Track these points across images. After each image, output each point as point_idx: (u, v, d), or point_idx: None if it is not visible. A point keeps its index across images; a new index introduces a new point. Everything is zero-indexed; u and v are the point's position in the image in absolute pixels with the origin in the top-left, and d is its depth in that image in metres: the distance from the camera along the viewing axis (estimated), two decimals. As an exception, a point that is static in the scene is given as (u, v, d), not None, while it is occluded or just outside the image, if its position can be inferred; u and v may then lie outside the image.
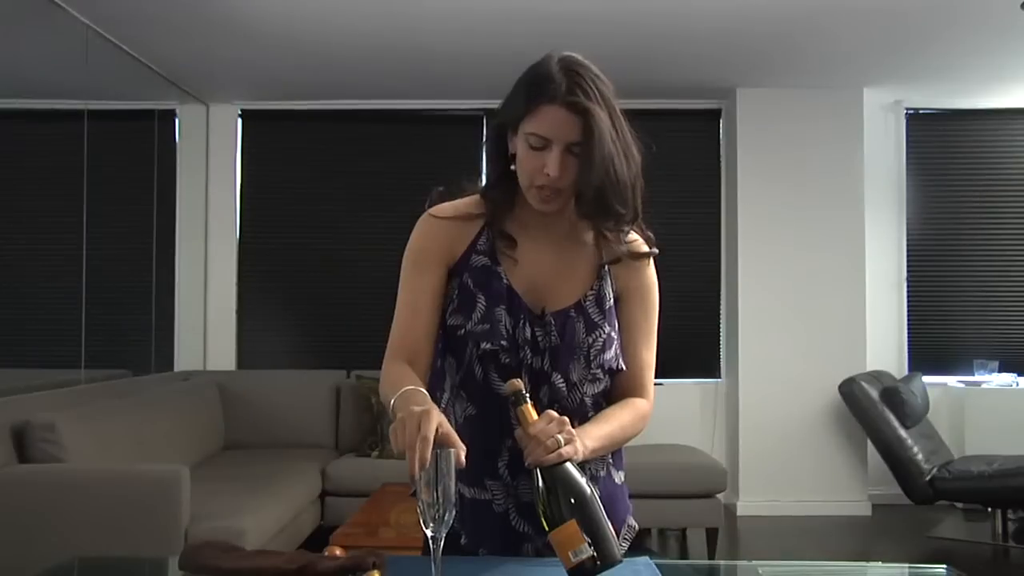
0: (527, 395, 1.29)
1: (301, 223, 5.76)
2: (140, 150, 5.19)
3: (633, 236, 1.47)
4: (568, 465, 1.25)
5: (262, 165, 5.78)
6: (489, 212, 1.45)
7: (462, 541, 1.43)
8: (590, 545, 1.21)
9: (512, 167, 1.41)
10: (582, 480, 1.25)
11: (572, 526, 1.22)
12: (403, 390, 1.28)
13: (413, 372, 1.37)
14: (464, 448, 1.17)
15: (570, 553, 1.22)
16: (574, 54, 1.38)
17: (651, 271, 1.50)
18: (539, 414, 1.28)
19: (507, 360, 1.39)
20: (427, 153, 5.70)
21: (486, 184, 1.46)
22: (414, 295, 1.44)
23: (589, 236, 1.45)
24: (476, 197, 1.47)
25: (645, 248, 1.47)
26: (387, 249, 5.76)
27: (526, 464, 1.26)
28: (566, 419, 1.27)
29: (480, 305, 1.41)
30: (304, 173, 5.78)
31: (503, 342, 1.38)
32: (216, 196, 5.72)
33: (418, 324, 1.43)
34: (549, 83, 1.32)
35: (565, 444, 1.25)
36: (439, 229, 1.46)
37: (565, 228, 1.45)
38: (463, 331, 1.40)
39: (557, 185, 1.35)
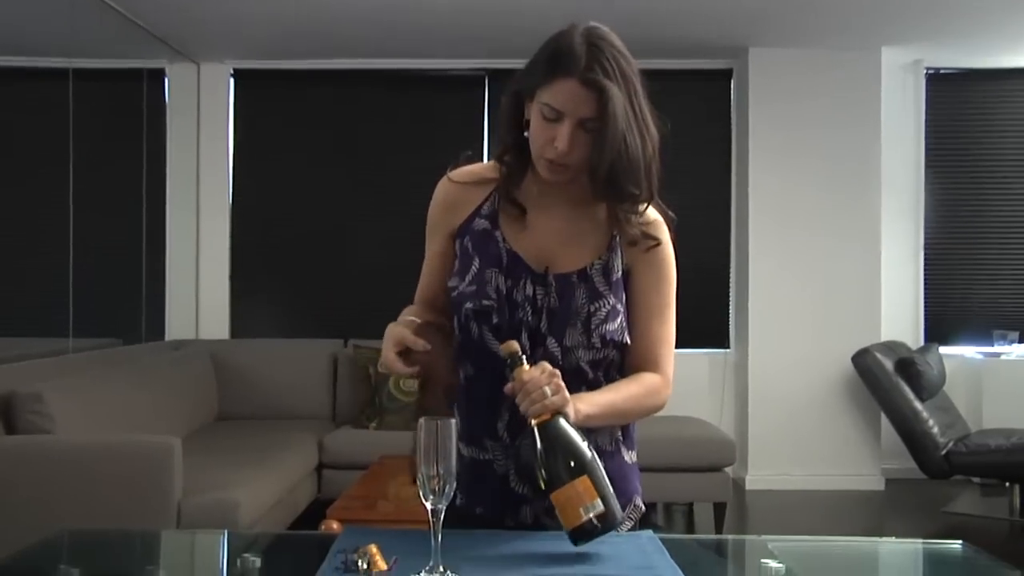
0: (523, 357, 1.31)
1: (296, 187, 5.65)
2: (128, 111, 5.16)
3: (649, 216, 1.46)
4: (565, 423, 1.27)
5: (255, 127, 5.67)
6: (502, 178, 1.48)
7: (457, 502, 1.39)
8: (593, 506, 1.23)
9: (527, 134, 1.44)
10: (581, 440, 1.27)
11: (576, 485, 1.23)
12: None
13: (419, 308, 1.52)
14: (422, 343, 1.35)
15: (580, 509, 1.23)
16: (600, 26, 1.39)
17: (666, 245, 1.50)
18: None
19: (499, 320, 1.42)
20: (427, 114, 5.57)
21: (500, 150, 1.49)
22: (428, 256, 1.56)
23: (602, 212, 1.47)
24: (495, 162, 1.51)
25: (656, 232, 1.47)
26: (385, 214, 5.74)
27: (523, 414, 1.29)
28: (557, 372, 1.30)
29: (474, 267, 1.46)
30: (299, 135, 5.66)
31: (485, 301, 1.42)
32: (208, 159, 5.61)
33: (431, 283, 1.55)
34: (569, 56, 1.35)
35: (553, 395, 1.27)
36: (449, 193, 1.52)
37: (579, 195, 1.46)
38: (456, 292, 1.46)
39: (565, 160, 1.38)
